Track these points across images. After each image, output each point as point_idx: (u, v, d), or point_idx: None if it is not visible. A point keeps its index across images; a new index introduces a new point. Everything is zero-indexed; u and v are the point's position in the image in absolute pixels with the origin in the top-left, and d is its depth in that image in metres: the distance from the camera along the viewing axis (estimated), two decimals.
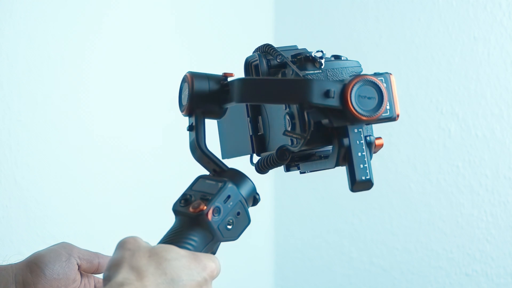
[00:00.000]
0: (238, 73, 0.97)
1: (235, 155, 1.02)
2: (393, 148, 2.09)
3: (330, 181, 2.16)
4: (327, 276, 2.22)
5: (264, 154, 1.00)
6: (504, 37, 1.97)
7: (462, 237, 2.04)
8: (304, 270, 2.25)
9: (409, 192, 2.09)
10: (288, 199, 2.25)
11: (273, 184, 2.24)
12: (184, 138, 2.15)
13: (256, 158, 1.02)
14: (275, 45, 0.98)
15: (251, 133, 1.00)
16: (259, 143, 1.00)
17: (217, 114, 0.94)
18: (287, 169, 0.97)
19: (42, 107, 1.72)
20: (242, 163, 0.98)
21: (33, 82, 1.70)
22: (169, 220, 0.91)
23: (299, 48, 0.97)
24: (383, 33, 2.11)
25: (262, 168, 0.97)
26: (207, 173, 0.94)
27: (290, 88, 0.87)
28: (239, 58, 2.15)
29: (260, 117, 1.00)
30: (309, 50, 0.96)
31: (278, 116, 0.95)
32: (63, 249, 1.10)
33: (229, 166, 0.93)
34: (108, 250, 1.01)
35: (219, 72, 0.97)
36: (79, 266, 1.10)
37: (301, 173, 0.98)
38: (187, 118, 0.97)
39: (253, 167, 0.99)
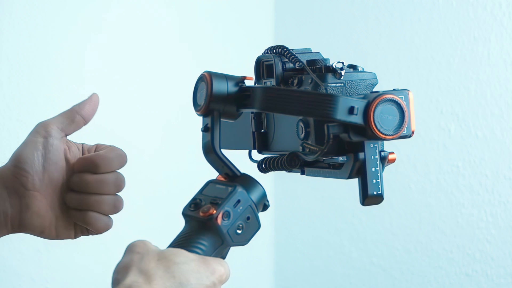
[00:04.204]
0: (238, 73, 0.97)
1: (232, 148, 1.01)
2: (393, 148, 2.09)
3: (330, 181, 2.16)
4: (327, 276, 2.22)
5: (267, 154, 0.99)
6: (504, 37, 1.97)
7: (462, 237, 2.03)
8: (304, 270, 2.25)
9: (409, 192, 2.09)
10: (288, 199, 2.25)
11: (273, 184, 2.24)
12: (184, 138, 2.15)
13: (254, 154, 1.01)
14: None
15: (253, 130, 1.00)
16: (261, 141, 1.00)
17: (233, 116, 0.93)
18: (289, 170, 0.97)
19: (42, 107, 1.72)
20: (255, 169, 0.97)
21: (33, 82, 1.70)
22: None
23: (312, 51, 0.96)
24: (383, 33, 2.11)
25: (266, 168, 0.96)
26: (214, 176, 0.93)
27: (315, 103, 0.86)
28: (239, 57, 2.16)
29: (264, 114, 0.99)
30: (322, 55, 0.95)
31: (286, 118, 0.94)
32: (38, 135, 1.00)
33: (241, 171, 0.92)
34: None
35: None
36: (64, 137, 1.01)
37: (304, 175, 0.98)
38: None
39: (260, 171, 0.98)
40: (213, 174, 0.94)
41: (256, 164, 0.98)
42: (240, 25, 2.15)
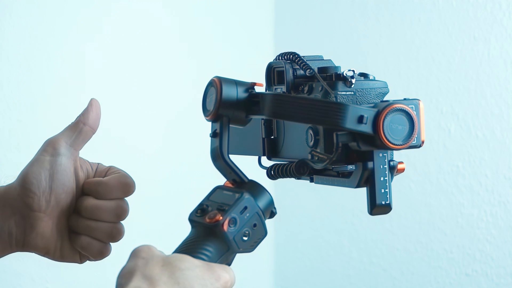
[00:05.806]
0: (239, 74, 0.97)
1: (242, 153, 1.01)
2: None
3: None
4: (327, 276, 2.22)
5: (277, 160, 0.99)
6: (504, 37, 1.97)
7: (462, 237, 2.03)
8: (304, 270, 2.25)
9: (409, 192, 2.09)
10: (288, 199, 2.25)
11: (273, 184, 2.24)
12: (185, 139, 2.14)
13: (264, 160, 1.01)
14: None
15: (263, 136, 0.99)
16: (270, 147, 0.99)
17: (242, 122, 0.92)
18: (298, 178, 0.96)
19: (42, 107, 1.72)
20: (263, 176, 0.97)
21: (33, 82, 1.70)
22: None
23: (324, 58, 0.96)
24: (383, 33, 2.11)
25: (275, 175, 0.96)
26: (217, 178, 0.93)
27: (324, 111, 0.86)
28: (239, 58, 2.15)
29: (274, 121, 0.99)
30: (334, 63, 0.95)
31: (296, 125, 0.94)
32: (45, 153, 0.96)
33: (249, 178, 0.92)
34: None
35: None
36: (75, 153, 0.97)
37: (313, 182, 0.98)
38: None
39: (269, 178, 0.97)
40: (216, 176, 0.94)
41: (265, 170, 0.98)
42: (240, 25, 2.15)
